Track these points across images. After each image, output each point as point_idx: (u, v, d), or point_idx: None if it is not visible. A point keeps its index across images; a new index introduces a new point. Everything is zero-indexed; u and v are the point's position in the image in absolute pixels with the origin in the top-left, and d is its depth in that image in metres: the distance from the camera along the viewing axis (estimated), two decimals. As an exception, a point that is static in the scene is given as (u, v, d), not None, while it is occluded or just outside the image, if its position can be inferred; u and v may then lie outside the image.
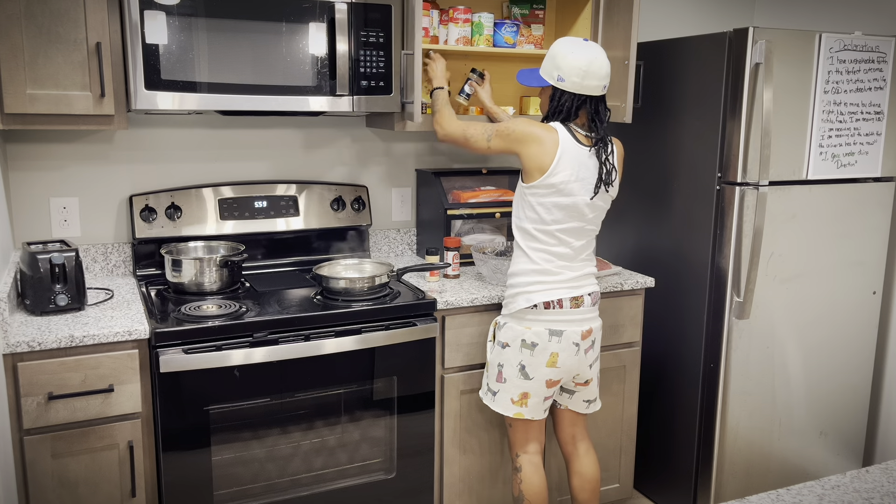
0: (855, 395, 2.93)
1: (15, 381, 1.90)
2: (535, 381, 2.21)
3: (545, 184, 2.12)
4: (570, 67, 2.11)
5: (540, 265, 2.18)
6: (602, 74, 2.13)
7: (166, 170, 2.62)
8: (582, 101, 2.15)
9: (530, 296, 2.18)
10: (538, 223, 2.17)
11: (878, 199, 2.79)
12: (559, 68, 2.13)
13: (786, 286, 2.68)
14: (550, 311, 2.18)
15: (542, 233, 2.17)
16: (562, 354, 2.20)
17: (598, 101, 2.17)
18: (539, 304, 2.18)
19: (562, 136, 2.12)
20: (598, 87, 2.14)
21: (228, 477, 2.16)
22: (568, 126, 2.15)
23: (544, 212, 2.15)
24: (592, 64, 2.11)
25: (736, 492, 2.77)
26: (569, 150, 2.12)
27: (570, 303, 2.19)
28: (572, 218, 2.16)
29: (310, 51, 2.29)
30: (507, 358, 2.24)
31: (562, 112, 2.17)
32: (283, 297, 2.35)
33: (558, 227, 2.16)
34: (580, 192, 2.14)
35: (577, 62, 2.10)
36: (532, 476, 2.30)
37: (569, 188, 2.12)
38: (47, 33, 2.04)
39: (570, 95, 2.14)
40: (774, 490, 1.24)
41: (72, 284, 2.11)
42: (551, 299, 2.17)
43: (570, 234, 2.18)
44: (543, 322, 2.19)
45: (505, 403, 2.26)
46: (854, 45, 2.59)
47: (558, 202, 2.13)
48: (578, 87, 2.13)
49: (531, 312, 2.19)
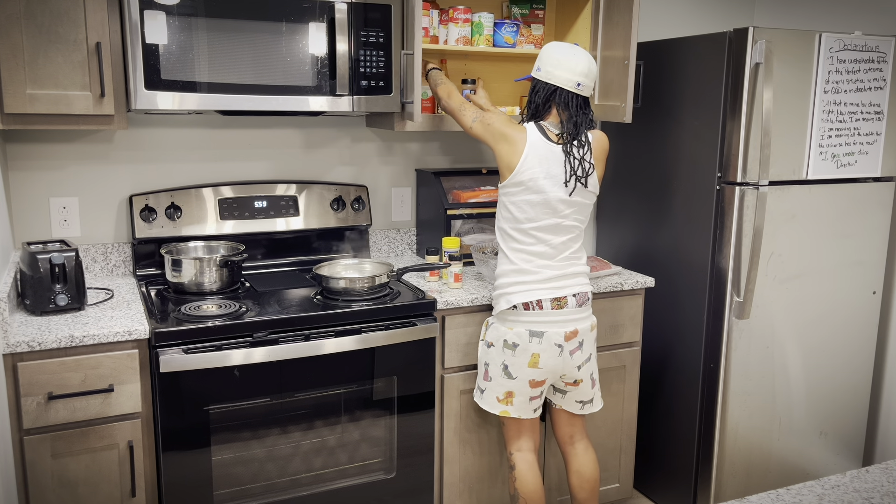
0: (855, 395, 2.93)
1: (15, 381, 1.90)
2: (519, 381, 2.23)
3: (514, 182, 2.17)
4: (547, 58, 2.20)
5: (518, 265, 2.20)
6: (577, 70, 2.16)
7: (166, 170, 2.62)
8: (552, 92, 2.19)
9: (510, 297, 2.21)
10: (513, 222, 2.20)
11: (878, 199, 2.79)
12: (540, 60, 2.23)
13: (786, 286, 2.68)
14: (530, 312, 2.19)
15: (518, 231, 2.20)
16: (543, 355, 2.20)
17: (571, 97, 2.18)
18: (519, 306, 2.19)
19: (530, 135, 2.17)
20: (571, 81, 2.17)
21: (228, 477, 2.16)
22: (539, 125, 2.20)
23: (517, 210, 2.18)
24: (569, 58, 2.17)
25: (736, 492, 2.77)
26: (537, 148, 2.16)
27: (552, 304, 2.19)
28: (546, 215, 2.17)
29: (310, 51, 2.29)
30: (492, 357, 2.26)
31: (533, 103, 2.23)
32: (282, 297, 2.35)
33: (532, 226, 2.18)
34: (551, 188, 2.16)
35: (553, 53, 2.19)
36: (526, 474, 2.30)
37: (538, 185, 2.15)
38: (47, 33, 2.04)
39: (543, 85, 2.20)
40: (774, 490, 1.24)
41: (72, 284, 2.11)
42: (530, 300, 2.19)
43: (546, 232, 2.19)
44: (524, 323, 2.20)
45: (491, 401, 2.28)
46: (854, 45, 2.59)
47: (529, 199, 2.16)
48: (549, 76, 2.18)
49: (512, 313, 2.21)
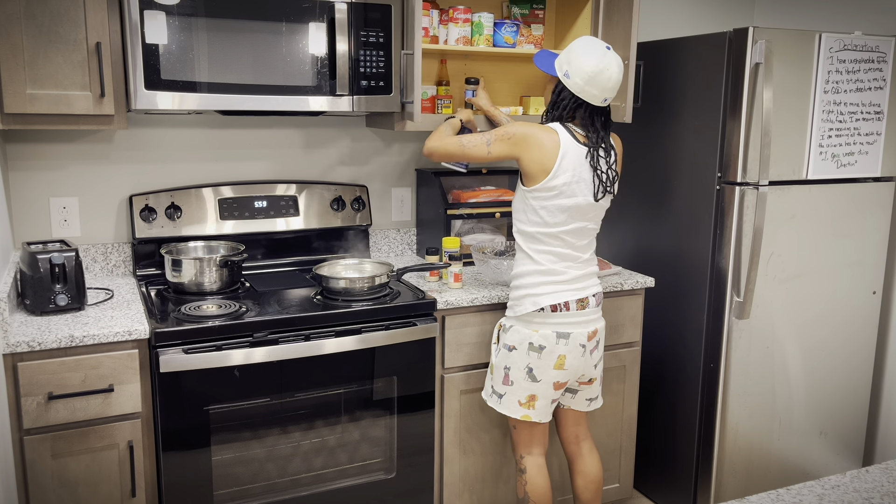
0: (855, 395, 2.93)
1: (15, 381, 1.90)
2: (543, 384, 2.21)
3: (548, 186, 2.11)
4: (578, 68, 2.10)
5: (545, 266, 2.17)
6: (608, 87, 2.10)
7: (166, 170, 2.62)
8: (579, 105, 2.14)
9: (537, 298, 2.17)
10: (541, 226, 2.15)
11: (877, 199, 2.79)
12: (569, 64, 2.12)
13: (786, 286, 2.68)
14: (558, 314, 2.18)
15: (546, 235, 2.16)
16: (569, 357, 2.19)
17: (596, 111, 2.15)
18: (546, 308, 2.17)
19: (562, 137, 2.11)
20: (599, 97, 2.12)
21: (228, 477, 2.16)
22: (566, 126, 2.15)
23: (548, 215, 2.14)
24: (601, 74, 2.08)
25: (736, 492, 2.77)
26: (570, 150, 2.11)
27: (577, 305, 2.19)
28: (575, 219, 2.15)
29: (310, 51, 2.29)
30: (514, 361, 2.23)
31: (558, 109, 2.16)
32: (283, 297, 2.35)
33: (561, 229, 2.15)
34: (583, 192, 2.13)
35: (585, 66, 2.09)
36: (536, 477, 2.31)
37: (571, 189, 2.11)
38: (47, 33, 2.04)
39: (570, 95, 2.14)
40: (774, 490, 1.24)
41: (72, 284, 2.11)
42: (558, 302, 2.17)
43: (573, 235, 2.17)
44: (551, 325, 2.18)
45: (512, 406, 2.25)
46: (854, 45, 2.59)
47: (561, 204, 2.12)
48: (579, 90, 2.11)
49: (538, 316, 2.19)
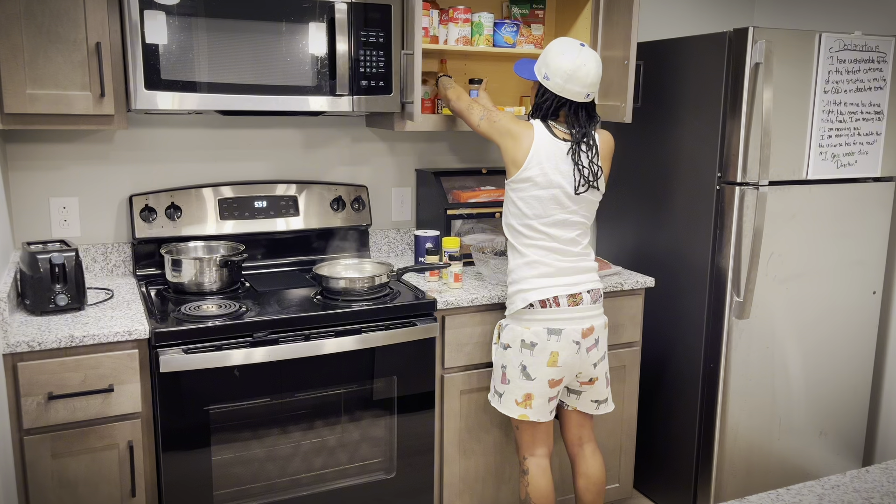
0: (855, 395, 2.92)
1: (15, 381, 1.90)
2: (538, 382, 2.21)
3: (521, 178, 2.17)
4: (557, 68, 2.15)
5: (531, 257, 2.20)
6: (587, 83, 2.15)
7: (166, 170, 2.62)
8: (562, 104, 2.18)
9: (526, 294, 2.19)
10: (521, 218, 2.20)
11: (877, 199, 2.79)
12: (548, 66, 2.18)
13: (786, 286, 2.68)
14: (548, 309, 2.18)
15: (527, 227, 2.20)
16: (562, 353, 2.20)
17: (580, 107, 2.19)
18: (535, 304, 2.18)
19: (537, 132, 2.17)
20: (581, 93, 2.16)
21: (228, 477, 2.16)
22: (547, 123, 2.19)
23: (525, 206, 2.19)
24: (579, 70, 2.13)
25: (736, 492, 2.77)
26: (544, 145, 2.16)
27: (568, 300, 2.19)
28: (553, 210, 2.18)
29: (310, 51, 2.29)
30: (509, 359, 2.25)
31: (541, 109, 2.21)
32: (282, 296, 2.35)
33: (541, 221, 2.18)
34: (560, 185, 2.16)
35: (563, 65, 2.14)
36: (539, 479, 2.30)
37: (547, 180, 2.15)
38: (47, 33, 2.04)
39: (552, 95, 2.19)
40: (774, 490, 1.24)
41: (72, 284, 2.11)
42: (547, 297, 2.18)
43: (556, 228, 2.19)
44: (541, 321, 2.19)
45: (510, 405, 2.26)
46: (854, 45, 2.59)
47: (537, 195, 2.17)
48: (560, 89, 2.16)
49: (528, 312, 2.20)
